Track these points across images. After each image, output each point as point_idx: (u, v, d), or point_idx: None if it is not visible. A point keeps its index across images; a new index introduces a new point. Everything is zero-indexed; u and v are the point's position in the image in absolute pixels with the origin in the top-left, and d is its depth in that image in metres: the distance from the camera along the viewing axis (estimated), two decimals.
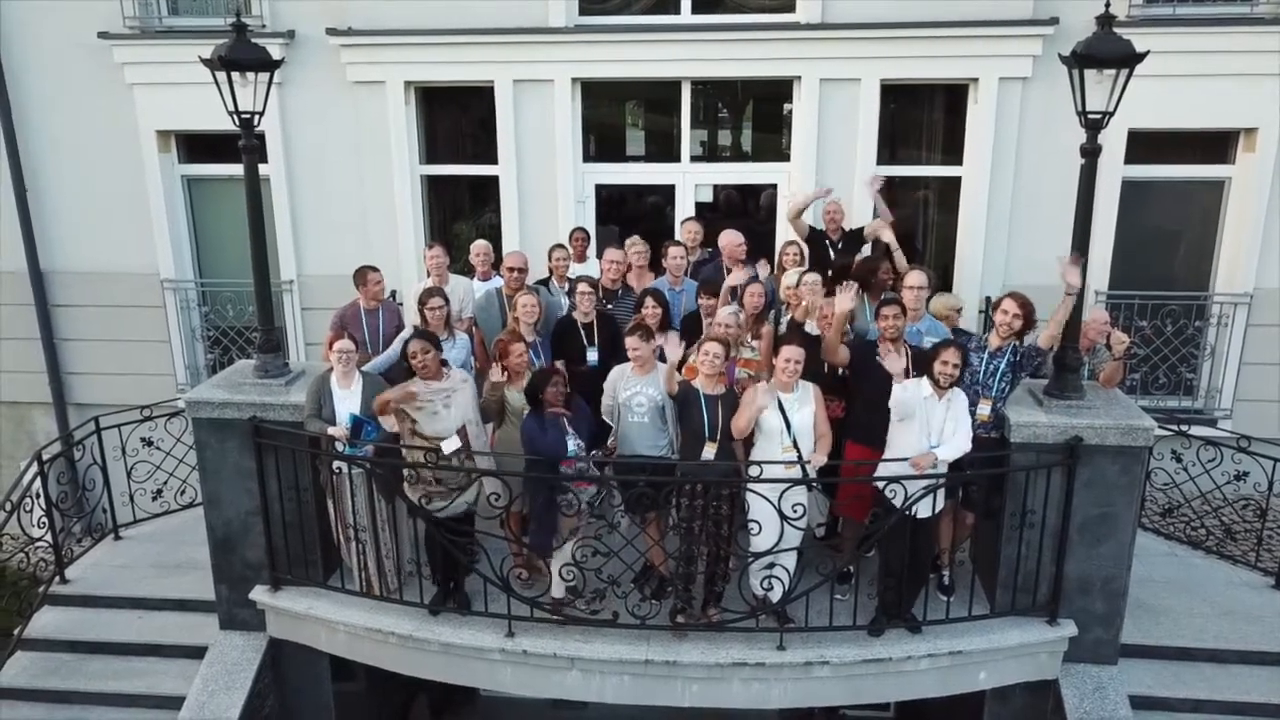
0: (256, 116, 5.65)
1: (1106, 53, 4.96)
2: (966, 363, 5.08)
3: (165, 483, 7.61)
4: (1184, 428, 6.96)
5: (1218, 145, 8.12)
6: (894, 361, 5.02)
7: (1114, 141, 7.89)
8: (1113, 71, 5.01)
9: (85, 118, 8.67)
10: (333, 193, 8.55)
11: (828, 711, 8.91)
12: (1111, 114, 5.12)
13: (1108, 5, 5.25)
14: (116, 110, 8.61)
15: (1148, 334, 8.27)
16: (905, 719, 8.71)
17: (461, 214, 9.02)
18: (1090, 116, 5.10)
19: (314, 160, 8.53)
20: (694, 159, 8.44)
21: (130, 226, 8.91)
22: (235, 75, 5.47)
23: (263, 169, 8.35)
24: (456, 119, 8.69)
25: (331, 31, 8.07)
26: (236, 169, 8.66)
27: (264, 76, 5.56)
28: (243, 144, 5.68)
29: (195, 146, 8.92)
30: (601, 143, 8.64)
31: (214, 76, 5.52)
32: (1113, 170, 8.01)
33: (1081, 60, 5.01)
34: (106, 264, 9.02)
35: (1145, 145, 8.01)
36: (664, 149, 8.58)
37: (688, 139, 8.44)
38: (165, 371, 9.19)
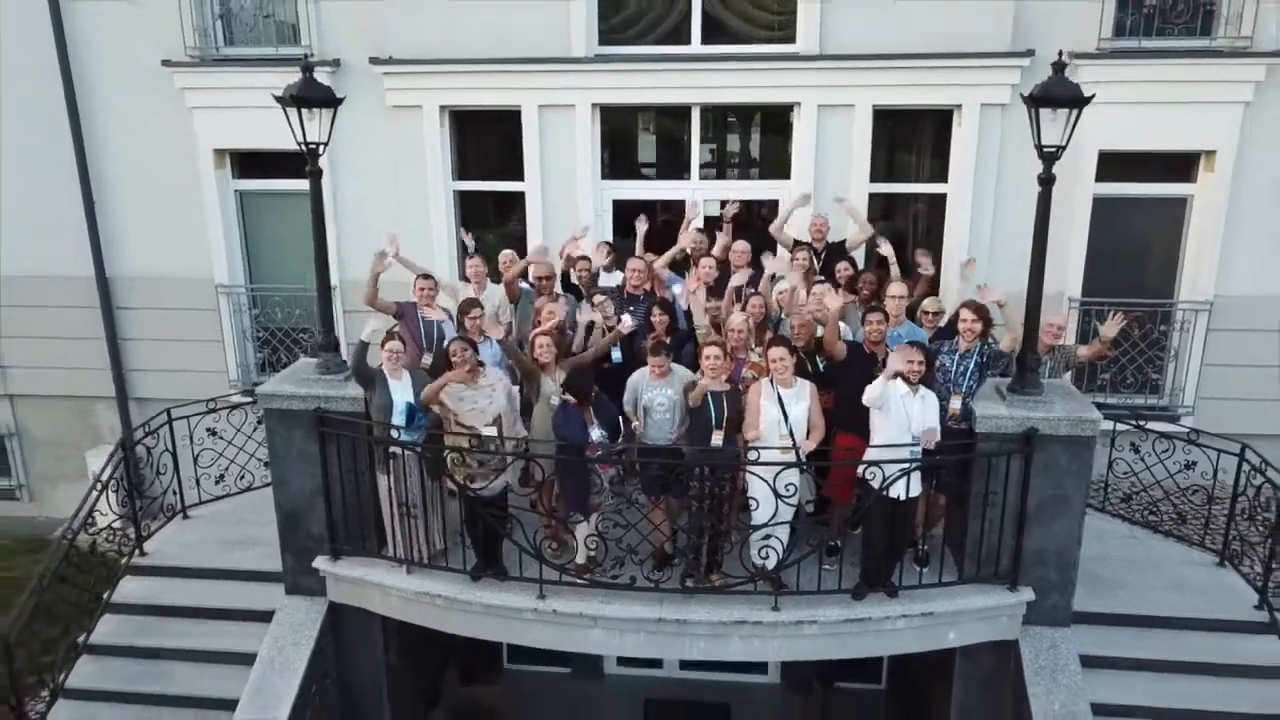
0: (321, 146, 6.44)
1: (1059, 95, 5.74)
2: (934, 362, 5.89)
3: (226, 469, 8.47)
4: (1141, 422, 7.76)
5: (1181, 165, 8.90)
6: (894, 360, 5.77)
7: (1086, 161, 8.72)
8: (1065, 110, 5.79)
9: (148, 137, 9.54)
10: (372, 206, 9.39)
11: (824, 682, 9.79)
12: (1064, 147, 5.90)
13: (1060, 55, 6.03)
14: (177, 130, 9.48)
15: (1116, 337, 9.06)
16: (894, 689, 9.56)
17: (489, 225, 9.83)
18: (1045, 150, 5.88)
19: (355, 176, 9.38)
20: (702, 176, 9.27)
21: (187, 235, 9.77)
22: (304, 110, 6.25)
23: (305, 184, 9.33)
24: (486, 139, 9.50)
25: (374, 60, 8.93)
26: (283, 183, 9.68)
27: (328, 112, 6.37)
28: (309, 169, 6.48)
29: (247, 163, 9.77)
30: (617, 160, 9.44)
31: (285, 111, 6.32)
32: (1085, 188, 8.83)
33: (1037, 101, 5.80)
34: (166, 270, 9.89)
35: (1115, 165, 8.81)
36: (675, 166, 9.40)
37: (697, 157, 9.26)
38: (219, 369, 10.05)
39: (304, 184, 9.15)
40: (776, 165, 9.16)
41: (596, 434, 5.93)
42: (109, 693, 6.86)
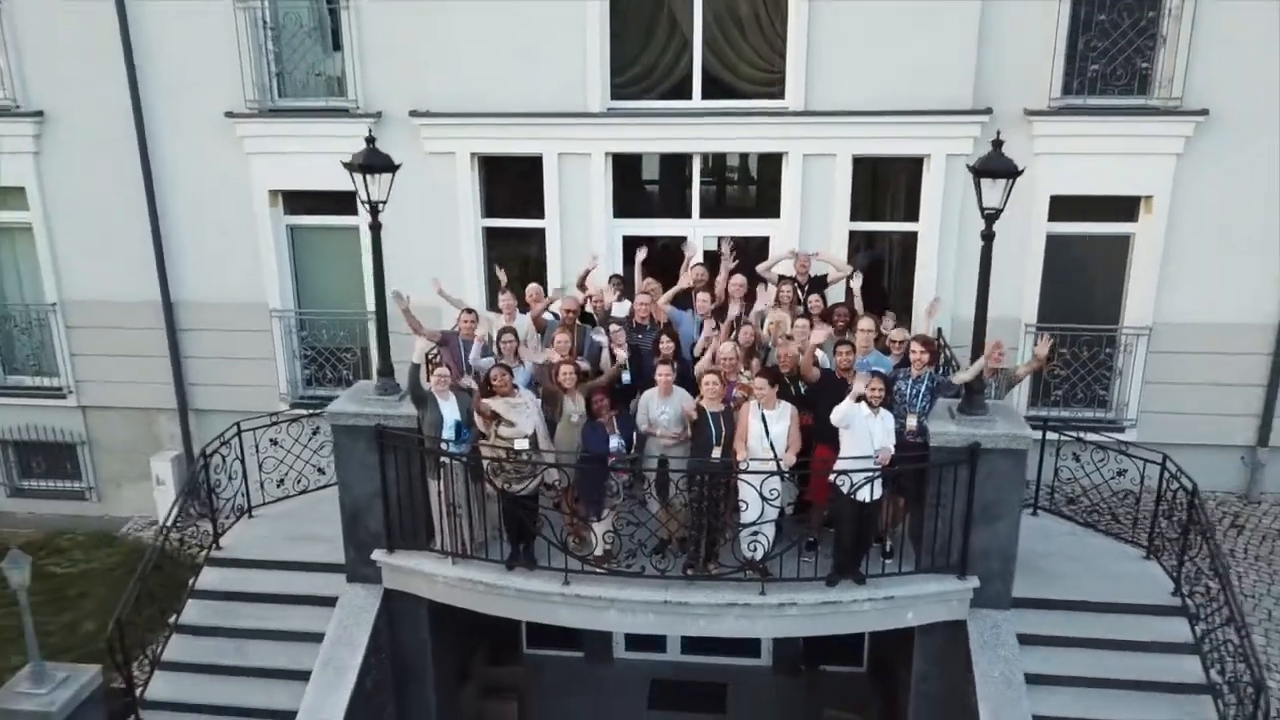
0: (381, 204, 7.62)
1: (997, 167, 6.93)
2: (893, 388, 7.10)
3: (286, 474, 9.68)
4: (1080, 434, 8.97)
5: (1124, 207, 10.08)
6: (858, 385, 6.95)
7: (1039, 204, 9.94)
8: (1003, 180, 6.98)
9: (211, 178, 10.74)
10: (409, 240, 10.50)
11: (811, 665, 10.97)
12: (1001, 209, 7.08)
13: (998, 134, 7.21)
14: (236, 173, 10.68)
15: (1068, 358, 10.31)
16: (873, 670, 10.73)
17: (513, 256, 10.98)
18: (986, 211, 7.07)
19: (395, 213, 10.41)
20: (702, 215, 10.46)
21: (244, 265, 10.97)
22: (368, 175, 7.43)
23: (353, 220, 10.58)
24: (511, 181, 10.64)
25: (414, 113, 10.12)
26: (329, 219, 10.93)
27: (386, 176, 7.55)
28: (370, 223, 7.66)
29: (296, 201, 10.95)
30: (626, 200, 10.59)
31: (351, 175, 7.51)
32: (1039, 226, 10.03)
33: (978, 172, 6.99)
34: (224, 295, 11.08)
35: (1065, 206, 10.00)
36: (678, 206, 10.58)
37: (697, 198, 10.44)
38: (269, 384, 11.24)
39: (345, 219, 10.61)
40: (767, 206, 10.32)
41: (615, 443, 7.15)
42: (197, 665, 8.08)
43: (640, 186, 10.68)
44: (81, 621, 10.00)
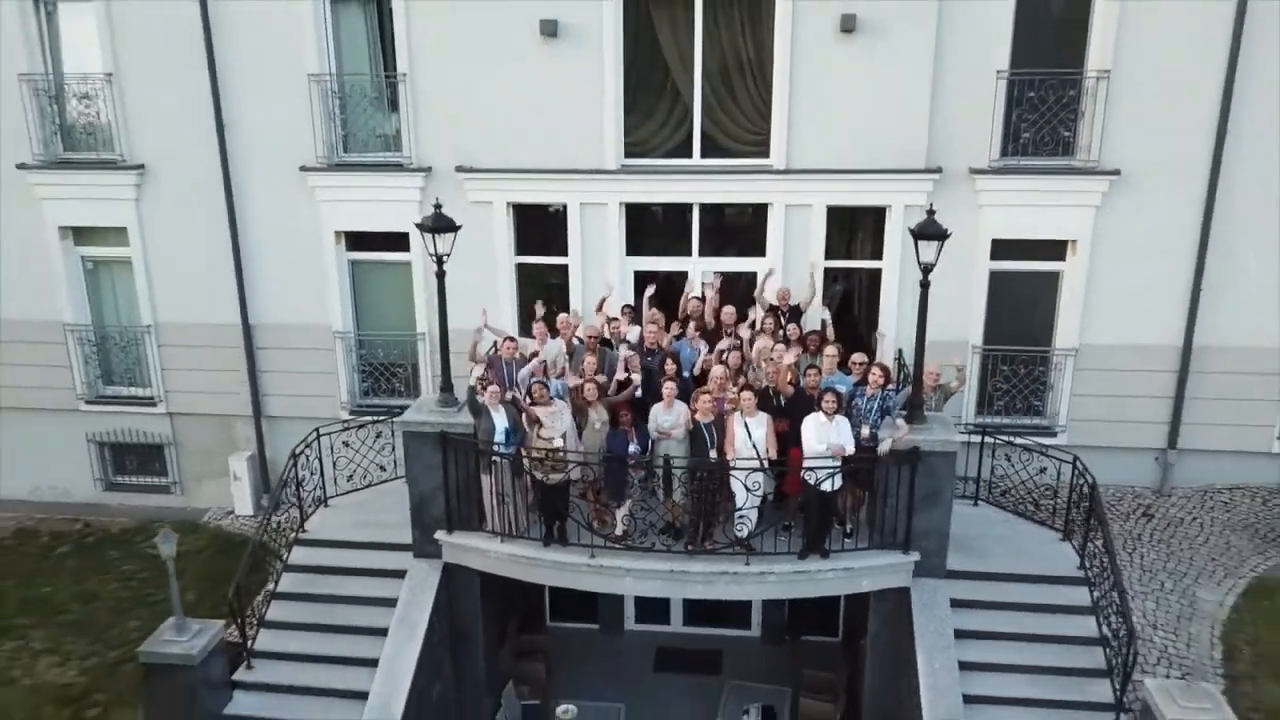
0: (446, 257, 9.56)
1: (930, 232, 8.87)
2: (848, 403, 9.05)
3: (354, 471, 11.64)
4: (1010, 438, 10.91)
5: (1053, 249, 12.01)
6: (827, 403, 8.91)
7: (983, 246, 11.87)
8: (935, 242, 8.92)
9: (285, 220, 12.65)
10: (454, 274, 12.19)
11: (794, 633, 12.88)
12: (935, 263, 9.01)
13: (931, 204, 9.16)
14: (307, 216, 12.60)
15: (1008, 374, 12.26)
16: (846, 640, 12.62)
17: (540, 288, 12.89)
18: (923, 264, 9.00)
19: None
20: (701, 254, 12.39)
21: (311, 293, 12.89)
22: (437, 235, 9.37)
23: (406, 256, 12.53)
24: (539, 224, 12.55)
25: (459, 169, 12.05)
26: (384, 255, 12.84)
27: (449, 236, 9.50)
28: (437, 271, 9.61)
29: (357, 240, 12.88)
30: (637, 241, 12.50)
31: (422, 235, 9.47)
32: (983, 264, 11.96)
33: (916, 235, 8.94)
34: (294, 319, 13.00)
35: (1005, 248, 11.93)
36: (680, 246, 12.49)
37: (696, 239, 12.37)
38: (332, 394, 13.17)
39: (398, 255, 12.59)
40: (755, 246, 12.22)
41: (634, 448, 9.10)
42: (293, 624, 10.04)
43: (649, 229, 12.57)
44: (183, 593, 11.93)
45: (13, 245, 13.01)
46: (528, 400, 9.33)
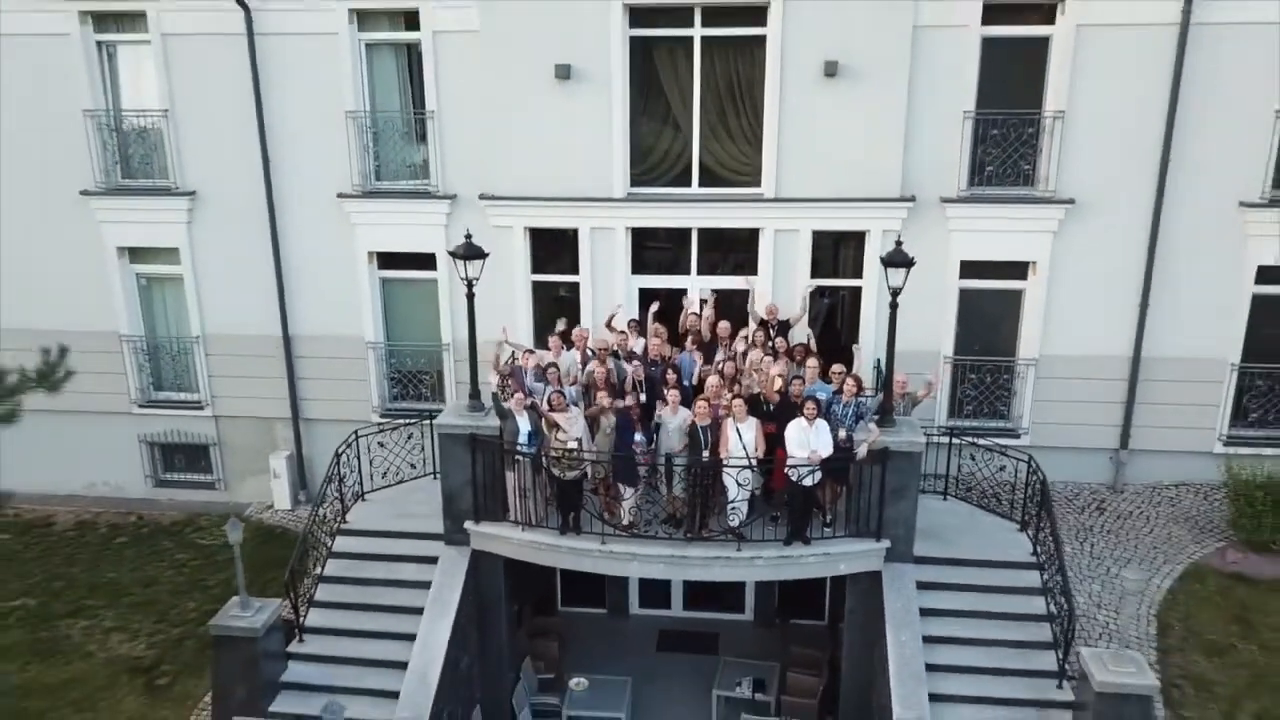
0: (475, 280, 10.89)
1: (897, 260, 10.21)
2: (825, 409, 10.38)
3: (387, 469, 12.98)
4: (974, 439, 12.25)
5: (1017, 269, 13.35)
6: (808, 410, 10.24)
7: (953, 266, 13.20)
8: (903, 269, 10.24)
9: (324, 243, 13.98)
10: (478, 291, 13.74)
11: (783, 616, 14.21)
12: (902, 288, 10.33)
13: (899, 235, 10.50)
14: (343, 238, 13.94)
15: (976, 382, 13.60)
16: (830, 623, 13.94)
17: (552, 304, 14.22)
18: (891, 288, 10.33)
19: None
20: (699, 273, 13.72)
21: (346, 308, 14.22)
22: (468, 262, 10.70)
23: (432, 274, 13.87)
24: (553, 246, 13.89)
25: (483, 196, 13.38)
26: (412, 273, 14.15)
27: (478, 262, 10.83)
28: (467, 293, 10.93)
29: (387, 260, 14.21)
30: (641, 261, 13.84)
31: (454, 261, 10.80)
32: (953, 282, 13.29)
33: (885, 263, 10.27)
34: (330, 330, 14.34)
35: (973, 268, 13.26)
36: (680, 265, 13.82)
37: (695, 259, 13.69)
38: (364, 399, 14.51)
39: (424, 273, 13.91)
40: (748, 266, 13.55)
41: (639, 437, 10.43)
42: (339, 603, 11.38)
43: (652, 250, 13.90)
44: (232, 579, 13.27)
45: (75, 264, 14.34)
46: (547, 406, 10.65)
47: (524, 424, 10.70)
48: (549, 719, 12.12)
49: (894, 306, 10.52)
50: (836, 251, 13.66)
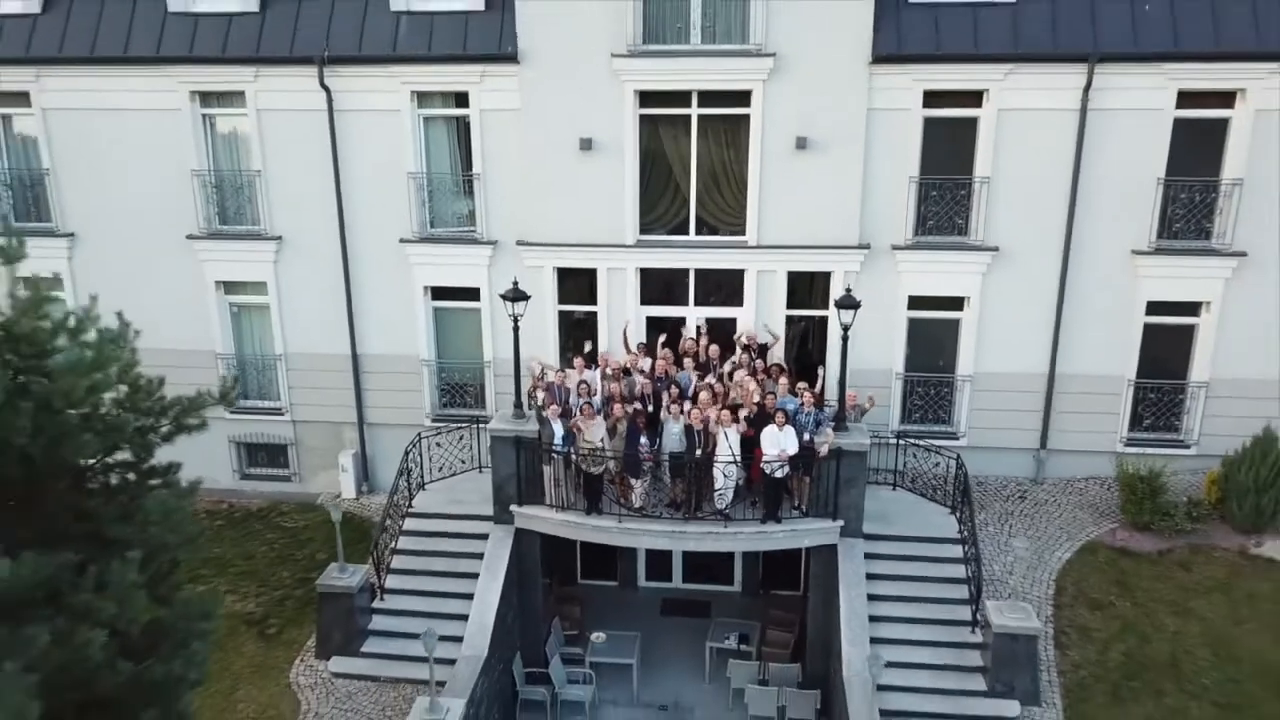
0: (519, 317, 13.90)
1: (847, 303, 13.22)
2: (793, 417, 13.40)
3: (442, 464, 16.01)
4: (916, 441, 15.27)
5: (954, 303, 16.35)
6: (779, 419, 13.25)
7: (901, 300, 16.21)
8: (851, 310, 13.24)
9: (387, 278, 16.97)
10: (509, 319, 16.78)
11: (765, 587, 17.22)
12: (851, 324, 13.35)
13: (848, 289, 13.53)
14: (403, 275, 16.92)
15: (924, 394, 16.62)
16: (804, 593, 16.89)
17: (574, 328, 17.18)
18: (843, 324, 13.35)
19: (502, 304, 16.84)
20: (696, 304, 16.72)
21: (405, 331, 17.21)
22: (516, 303, 13.71)
23: (476, 304, 16.91)
24: (575, 282, 16.87)
25: (520, 242, 16.39)
26: (459, 304, 17.21)
27: (523, 304, 13.84)
28: (513, 326, 13.95)
29: (439, 293, 17.21)
30: (649, 294, 16.81)
31: (504, 303, 13.82)
32: (901, 313, 16.30)
33: (838, 305, 13.29)
34: (391, 350, 17.32)
35: (917, 301, 16.27)
36: (681, 298, 16.81)
37: (693, 293, 16.68)
38: (418, 406, 17.50)
39: (469, 304, 16.94)
40: (735, 298, 16.54)
41: (644, 439, 13.45)
42: (410, 570, 14.43)
43: (657, 286, 16.86)
44: (315, 554, 16.31)
45: (182, 295, 17.33)
46: (577, 414, 13.69)
47: (558, 429, 13.72)
48: (575, 665, 15.12)
49: (845, 339, 13.55)
50: (811, 286, 16.66)
